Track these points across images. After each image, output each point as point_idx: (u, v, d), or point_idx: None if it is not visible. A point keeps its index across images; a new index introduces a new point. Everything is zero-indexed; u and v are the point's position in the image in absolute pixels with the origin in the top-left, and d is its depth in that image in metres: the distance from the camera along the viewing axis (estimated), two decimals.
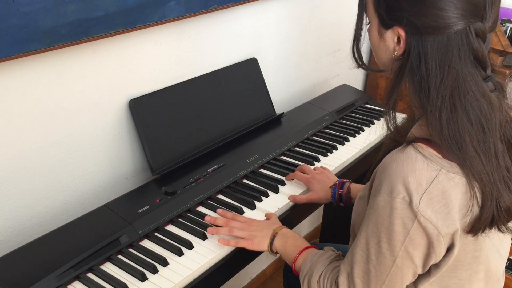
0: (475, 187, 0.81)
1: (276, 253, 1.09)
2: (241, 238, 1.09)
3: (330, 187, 1.27)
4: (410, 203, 0.79)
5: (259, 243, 1.09)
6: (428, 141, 0.83)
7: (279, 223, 1.13)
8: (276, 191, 1.30)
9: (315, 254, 1.01)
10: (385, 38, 0.87)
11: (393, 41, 0.86)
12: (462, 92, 0.80)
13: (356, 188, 1.25)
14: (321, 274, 0.96)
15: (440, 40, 0.80)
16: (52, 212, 1.22)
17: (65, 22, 1.05)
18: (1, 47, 0.96)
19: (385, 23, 0.86)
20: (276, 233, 1.09)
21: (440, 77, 0.80)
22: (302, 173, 1.32)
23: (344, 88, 1.93)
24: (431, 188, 0.79)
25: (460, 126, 0.80)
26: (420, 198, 0.79)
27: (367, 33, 0.94)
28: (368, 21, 0.92)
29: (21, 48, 0.99)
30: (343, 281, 0.91)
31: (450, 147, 0.80)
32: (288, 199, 1.26)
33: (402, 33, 0.83)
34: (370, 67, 0.99)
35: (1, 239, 1.13)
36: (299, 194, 1.28)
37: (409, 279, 0.87)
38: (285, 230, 1.10)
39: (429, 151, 0.81)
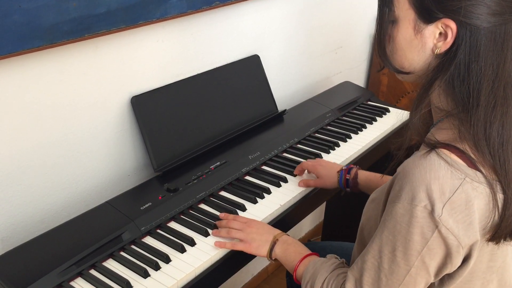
0: (498, 198, 0.78)
1: (274, 260, 1.06)
2: (240, 240, 1.08)
3: (337, 172, 1.27)
4: (432, 212, 0.76)
5: (258, 247, 1.06)
6: (452, 147, 0.79)
7: (279, 230, 1.11)
8: (279, 188, 1.30)
9: (318, 261, 0.98)
10: (424, 34, 0.80)
11: (433, 37, 0.79)
12: None
13: (364, 175, 1.24)
14: (325, 280, 0.92)
15: (497, 32, 0.75)
16: (54, 209, 1.22)
17: (67, 18, 1.05)
18: (3, 44, 0.96)
19: (430, 16, 0.78)
20: (277, 239, 1.06)
21: (495, 74, 0.76)
22: (308, 162, 1.32)
23: (346, 85, 1.93)
24: (455, 197, 0.76)
25: (507, 126, 0.77)
26: (443, 207, 0.75)
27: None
28: (392, 19, 0.83)
29: (23, 45, 0.99)
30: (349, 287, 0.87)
31: (491, 150, 0.76)
32: (299, 184, 1.29)
33: (453, 25, 0.76)
34: (398, 67, 0.88)
35: (4, 235, 1.13)
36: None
37: None
38: (286, 237, 1.07)
39: (453, 158, 0.78)
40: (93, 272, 1.02)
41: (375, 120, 1.68)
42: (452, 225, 0.76)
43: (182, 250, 1.07)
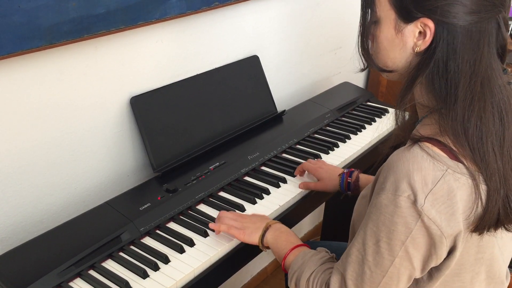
0: (481, 188, 0.79)
1: (267, 247, 1.07)
2: (233, 227, 1.08)
3: (339, 175, 1.27)
4: (415, 202, 0.77)
5: (251, 234, 1.07)
6: (434, 141, 0.81)
7: (274, 220, 1.12)
8: (278, 188, 1.30)
9: (308, 253, 0.99)
10: (404, 33, 0.82)
11: (413, 35, 0.82)
12: (491, 84, 0.79)
13: (365, 178, 1.25)
14: (312, 273, 0.93)
15: (474, 30, 0.78)
16: (54, 209, 1.22)
17: (66, 19, 1.05)
18: (3, 44, 0.96)
19: (409, 16, 0.81)
20: (270, 225, 1.07)
21: (472, 68, 0.78)
22: (309, 163, 1.33)
23: (345, 85, 1.93)
24: (437, 188, 0.77)
25: (485, 118, 0.78)
26: (425, 197, 0.77)
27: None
28: (374, 19, 0.87)
29: (22, 45, 0.99)
30: (335, 282, 0.88)
31: (471, 142, 0.78)
32: (299, 186, 1.28)
33: (431, 24, 0.79)
34: (379, 65, 0.92)
35: (3, 236, 1.13)
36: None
37: (404, 282, 0.84)
38: (279, 225, 1.08)
39: (435, 150, 0.80)
40: (92, 272, 1.02)
41: (374, 121, 1.68)
42: (434, 215, 0.77)
43: (181, 250, 1.07)
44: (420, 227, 0.78)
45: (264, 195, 1.26)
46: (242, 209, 1.21)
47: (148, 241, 1.11)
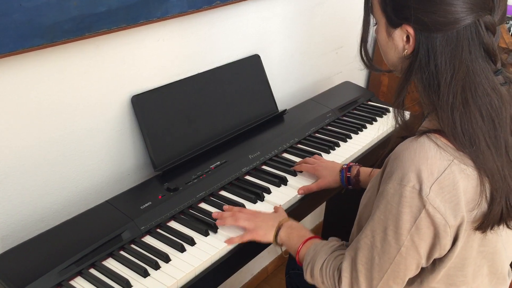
0: (486, 183, 0.80)
1: (282, 245, 1.09)
2: (247, 229, 1.09)
3: (339, 170, 1.29)
4: (420, 191, 0.79)
5: (265, 234, 1.09)
6: (441, 132, 0.82)
7: (285, 215, 1.14)
8: (279, 188, 1.30)
9: (319, 244, 1.02)
10: (394, 37, 0.87)
11: (402, 39, 0.86)
12: (473, 87, 0.80)
13: (365, 172, 1.26)
14: (324, 261, 0.96)
15: (450, 36, 0.80)
16: (54, 208, 1.22)
17: (67, 17, 1.04)
18: (4, 42, 0.96)
19: (393, 22, 0.86)
20: (282, 224, 1.09)
21: (451, 73, 0.80)
22: (307, 164, 1.33)
23: (346, 85, 1.93)
24: (442, 178, 0.79)
25: (473, 122, 0.80)
26: (430, 187, 0.79)
27: (374, 34, 0.94)
28: (375, 21, 0.92)
29: (23, 43, 0.99)
30: (346, 267, 0.91)
31: (463, 143, 0.80)
32: (298, 192, 1.27)
33: (411, 31, 0.83)
34: (377, 67, 0.99)
35: (4, 234, 1.13)
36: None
37: (413, 270, 0.86)
38: (291, 221, 1.11)
39: (443, 141, 0.81)
40: (92, 271, 1.02)
41: (375, 120, 1.68)
42: (439, 204, 0.79)
43: (182, 249, 1.07)
44: (425, 217, 0.80)
45: (265, 194, 1.26)
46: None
47: (149, 239, 1.11)
